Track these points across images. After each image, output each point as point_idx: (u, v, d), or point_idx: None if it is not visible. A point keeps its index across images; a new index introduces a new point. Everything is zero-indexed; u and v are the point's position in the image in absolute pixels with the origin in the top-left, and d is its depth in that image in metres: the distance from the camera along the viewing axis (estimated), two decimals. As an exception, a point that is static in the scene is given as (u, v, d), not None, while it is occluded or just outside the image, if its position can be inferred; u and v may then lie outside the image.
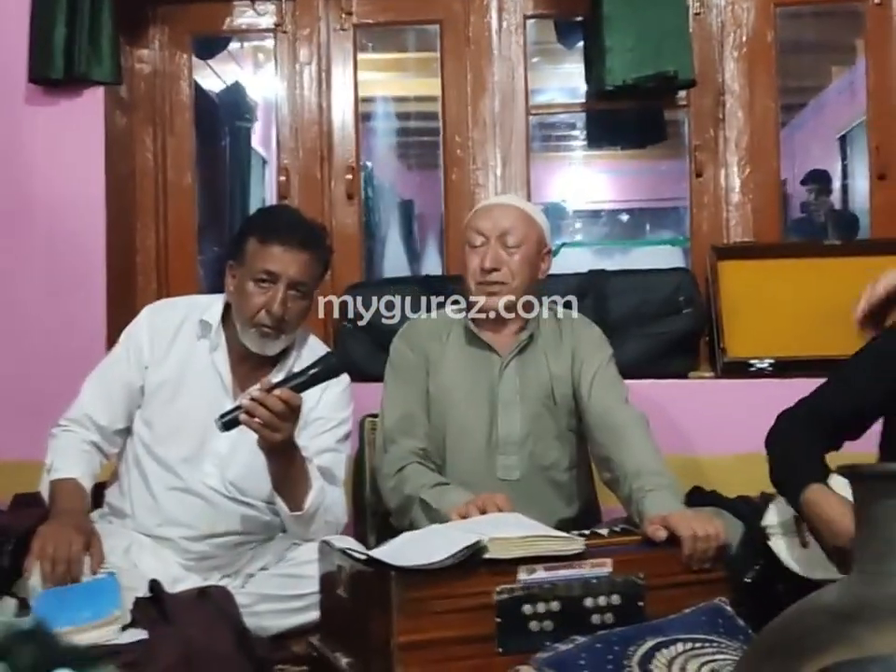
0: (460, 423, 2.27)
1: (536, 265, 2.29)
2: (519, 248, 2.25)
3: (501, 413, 2.27)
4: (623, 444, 2.10)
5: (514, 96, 3.19)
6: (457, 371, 2.30)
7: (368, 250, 4.34)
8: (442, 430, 2.28)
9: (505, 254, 2.25)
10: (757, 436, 2.09)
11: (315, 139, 3.23)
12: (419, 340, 2.34)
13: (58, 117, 2.92)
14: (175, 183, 3.24)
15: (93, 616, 1.77)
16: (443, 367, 2.30)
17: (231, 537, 2.23)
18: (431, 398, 2.30)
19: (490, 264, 2.23)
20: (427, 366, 2.31)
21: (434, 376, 2.30)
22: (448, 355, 2.32)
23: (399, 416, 2.26)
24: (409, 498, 2.13)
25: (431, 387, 2.30)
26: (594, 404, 2.22)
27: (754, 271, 2.98)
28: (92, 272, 2.91)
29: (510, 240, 2.25)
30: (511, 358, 2.29)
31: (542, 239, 2.31)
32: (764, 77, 3.15)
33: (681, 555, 1.75)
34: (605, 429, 2.16)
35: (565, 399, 2.28)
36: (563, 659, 1.39)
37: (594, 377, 2.25)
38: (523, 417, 2.26)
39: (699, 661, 1.41)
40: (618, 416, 2.17)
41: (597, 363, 2.28)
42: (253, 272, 2.18)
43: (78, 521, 2.05)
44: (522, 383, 2.28)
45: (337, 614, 1.75)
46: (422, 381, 2.30)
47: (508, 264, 2.24)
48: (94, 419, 2.24)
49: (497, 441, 2.26)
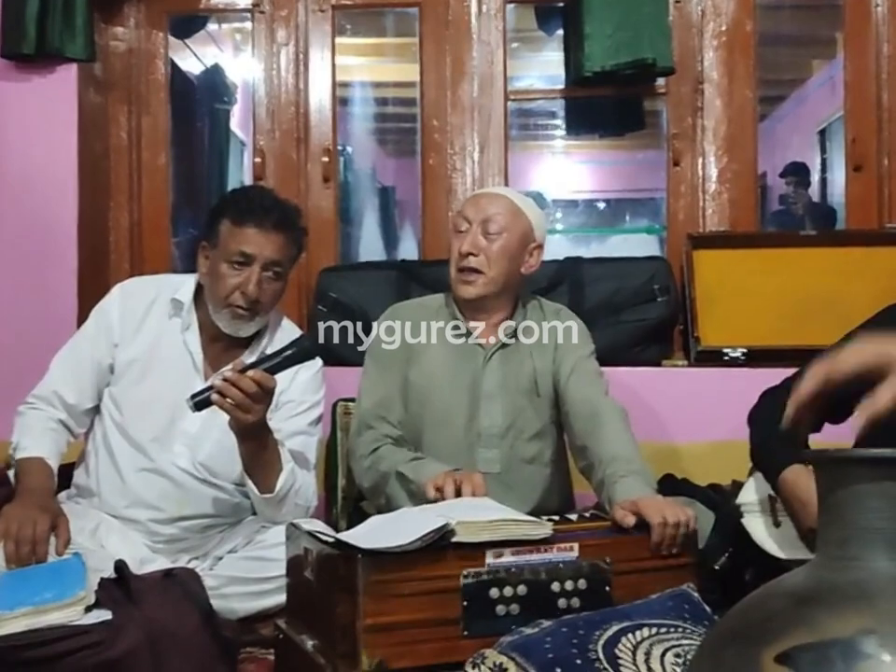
0: (440, 413, 2.24)
1: (518, 258, 2.26)
2: (500, 236, 2.22)
3: (483, 406, 2.24)
4: (601, 433, 2.09)
5: (493, 81, 3.18)
6: (440, 361, 2.28)
7: (344, 234, 4.32)
8: (421, 419, 2.26)
9: (485, 240, 2.22)
10: (729, 424, 2.11)
11: (291, 121, 3.21)
12: (401, 326, 2.31)
13: (30, 93, 2.89)
14: (150, 163, 3.21)
15: (57, 596, 1.74)
16: (426, 355, 2.28)
17: (199, 519, 2.22)
18: (411, 385, 2.27)
19: (467, 248, 2.21)
20: (407, 353, 2.29)
21: (415, 364, 2.28)
22: (431, 343, 2.29)
23: (375, 402, 2.24)
24: (384, 475, 2.12)
25: (412, 375, 2.27)
26: (573, 394, 2.21)
27: (729, 260, 2.99)
28: (64, 249, 2.88)
29: (491, 227, 2.22)
30: (495, 350, 2.27)
31: (529, 233, 2.27)
32: (743, 67, 3.15)
33: (649, 541, 1.74)
34: (583, 419, 2.15)
35: (547, 393, 2.26)
36: (528, 642, 1.39)
37: (574, 368, 2.24)
38: (505, 410, 2.24)
39: (664, 646, 1.41)
40: (597, 407, 2.15)
41: (578, 355, 2.27)
42: (227, 253, 2.16)
43: (44, 501, 2.04)
44: (505, 375, 2.26)
45: (304, 597, 1.74)
46: (401, 368, 2.28)
47: (485, 251, 2.22)
48: (62, 397, 2.22)
49: (479, 433, 2.24)
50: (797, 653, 0.93)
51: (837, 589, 1.00)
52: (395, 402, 2.25)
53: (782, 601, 1.03)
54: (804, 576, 1.07)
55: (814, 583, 1.04)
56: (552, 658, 1.35)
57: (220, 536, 2.25)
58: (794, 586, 1.06)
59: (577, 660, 1.35)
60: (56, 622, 1.71)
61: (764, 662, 0.94)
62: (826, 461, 1.09)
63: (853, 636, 0.92)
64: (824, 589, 1.01)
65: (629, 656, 1.38)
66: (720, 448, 2.66)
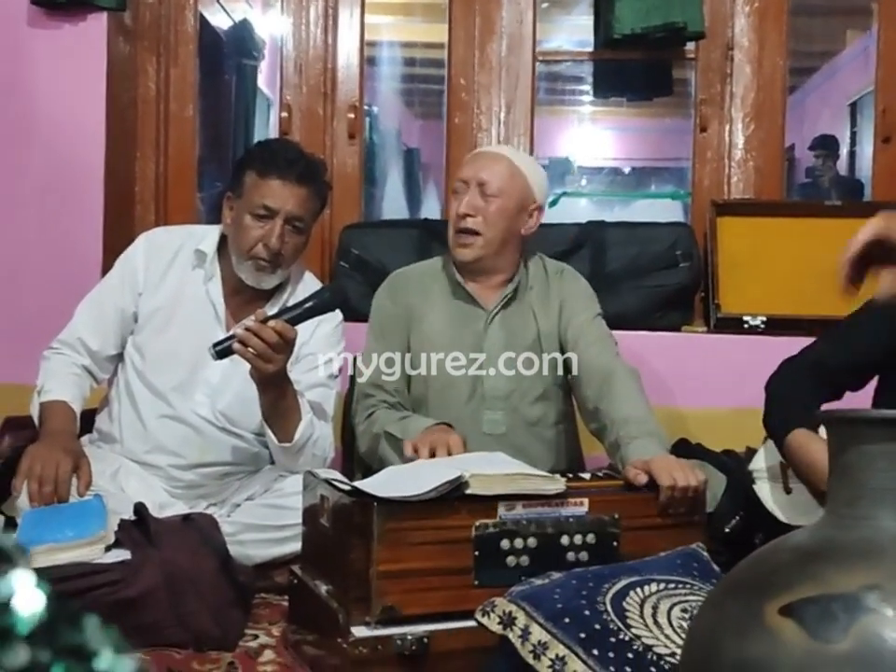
0: (444, 376, 2.25)
1: (516, 219, 2.23)
2: (497, 198, 2.20)
3: (486, 368, 2.25)
4: (613, 394, 2.07)
5: (522, 41, 3.16)
6: (442, 324, 2.27)
7: (368, 194, 4.32)
8: (426, 384, 2.26)
9: (482, 202, 2.20)
10: (746, 392, 2.11)
11: (318, 76, 3.20)
12: (402, 292, 2.32)
13: (60, 41, 2.89)
14: (177, 114, 3.21)
15: (78, 535, 1.78)
16: (428, 319, 2.28)
17: (218, 467, 2.25)
18: (414, 351, 2.27)
19: (464, 209, 2.20)
20: (409, 319, 2.29)
21: (418, 329, 2.28)
22: (433, 307, 2.29)
23: (372, 371, 2.25)
24: (376, 437, 2.14)
25: (414, 340, 2.28)
26: (584, 357, 2.19)
27: (753, 228, 2.97)
28: (90, 199, 2.90)
29: (488, 188, 2.20)
30: (496, 312, 2.26)
31: (528, 194, 2.24)
32: (775, 34, 3.11)
33: (657, 497, 1.76)
34: (595, 381, 2.13)
35: (552, 354, 2.26)
36: (537, 593, 1.41)
37: (582, 332, 2.23)
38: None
39: (671, 601, 1.43)
40: (609, 369, 2.13)
41: (585, 317, 2.25)
42: (251, 205, 2.18)
43: (67, 442, 2.07)
44: (508, 337, 2.26)
45: (319, 543, 1.77)
46: (402, 335, 2.28)
47: (482, 212, 2.20)
48: (86, 343, 2.25)
49: (483, 395, 2.24)
50: (801, 606, 0.95)
51: (844, 546, 1.01)
52: (392, 370, 2.25)
53: (789, 556, 1.05)
54: (811, 533, 1.09)
55: (821, 540, 1.05)
56: (560, 608, 1.37)
57: (238, 483, 2.28)
58: (801, 542, 1.08)
59: (585, 611, 1.37)
60: (76, 559, 1.76)
61: (768, 613, 0.96)
62: (838, 422, 1.10)
63: (857, 590, 0.93)
64: (831, 545, 1.02)
65: (637, 609, 1.40)
66: (736, 415, 2.67)
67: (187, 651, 1.77)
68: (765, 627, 0.95)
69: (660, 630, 1.37)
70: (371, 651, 1.53)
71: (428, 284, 2.32)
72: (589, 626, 1.35)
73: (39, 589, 0.47)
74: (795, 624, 0.94)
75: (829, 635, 0.91)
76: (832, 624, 0.92)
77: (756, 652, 0.95)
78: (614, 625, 1.36)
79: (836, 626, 0.91)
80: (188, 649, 1.77)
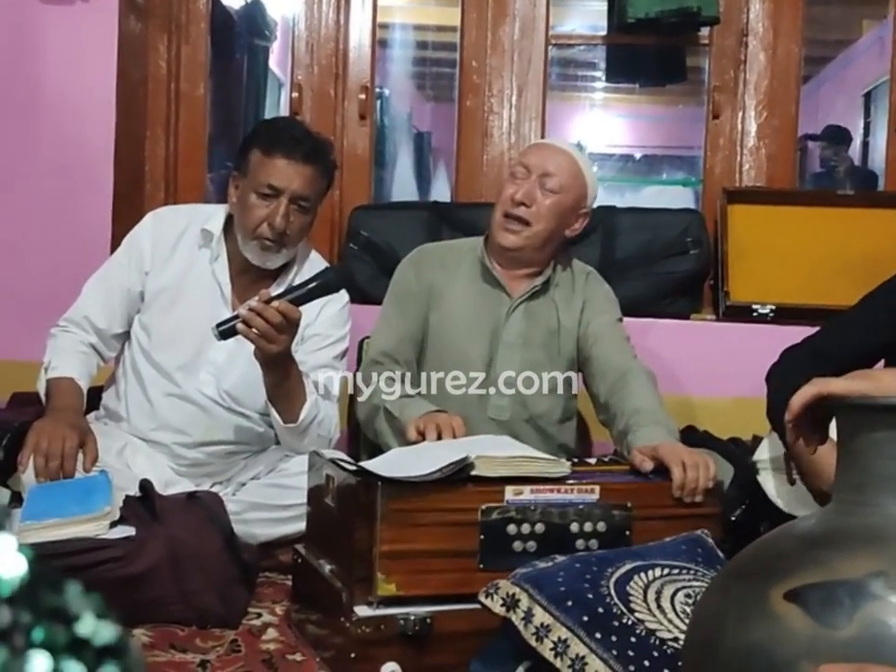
0: (459, 356, 2.24)
1: (566, 219, 2.22)
2: (556, 194, 2.18)
3: (501, 354, 2.24)
4: (627, 389, 2.08)
5: (535, 24, 3.14)
6: (464, 304, 2.27)
7: (377, 177, 4.30)
8: (439, 362, 2.26)
9: (540, 194, 2.18)
10: (754, 380, 2.09)
11: (330, 56, 3.19)
12: (427, 268, 2.30)
13: (71, 17, 2.87)
14: (188, 93, 3.20)
15: (83, 510, 1.79)
16: (449, 297, 2.27)
17: (224, 445, 2.26)
18: (432, 327, 2.27)
19: (521, 197, 2.17)
20: (429, 296, 2.27)
21: (437, 306, 2.27)
22: (456, 286, 2.28)
23: (386, 340, 2.24)
24: (375, 408, 2.12)
25: (433, 317, 2.27)
26: (602, 357, 2.19)
27: (764, 216, 2.96)
28: (100, 177, 2.89)
29: (549, 182, 2.18)
30: (520, 301, 2.25)
31: (583, 197, 2.24)
32: (790, 21, 3.09)
33: (671, 486, 1.73)
34: (611, 377, 2.14)
35: (568, 352, 2.26)
36: (541, 575, 1.41)
37: (602, 332, 2.23)
38: (522, 362, 2.24)
39: (675, 586, 1.43)
40: (626, 368, 2.14)
41: (606, 319, 2.26)
42: (256, 184, 2.17)
43: (74, 418, 2.07)
44: (528, 328, 2.25)
45: (323, 523, 1.77)
46: (420, 310, 2.27)
47: (538, 204, 2.18)
48: (93, 321, 2.25)
49: (494, 380, 2.23)
50: (806, 591, 0.95)
51: (850, 532, 1.01)
52: (406, 344, 2.24)
53: (794, 542, 1.04)
54: (817, 519, 1.09)
55: (827, 526, 1.05)
56: (564, 591, 1.37)
57: (244, 462, 2.28)
58: (807, 528, 1.08)
59: (588, 594, 1.37)
60: (81, 534, 1.76)
61: (773, 598, 0.96)
62: (846, 408, 1.09)
63: (862, 577, 0.93)
64: (837, 532, 1.02)
65: (640, 594, 1.39)
66: (743, 404, 2.66)
67: (190, 628, 1.77)
68: (770, 612, 0.95)
69: (663, 615, 1.36)
70: (374, 631, 1.53)
71: (455, 262, 2.31)
72: (592, 610, 1.35)
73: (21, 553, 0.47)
74: (800, 610, 0.93)
75: (834, 621, 0.91)
76: (836, 610, 0.91)
77: (760, 637, 0.94)
78: (617, 609, 1.36)
79: (841, 612, 0.91)
80: (191, 626, 1.78)
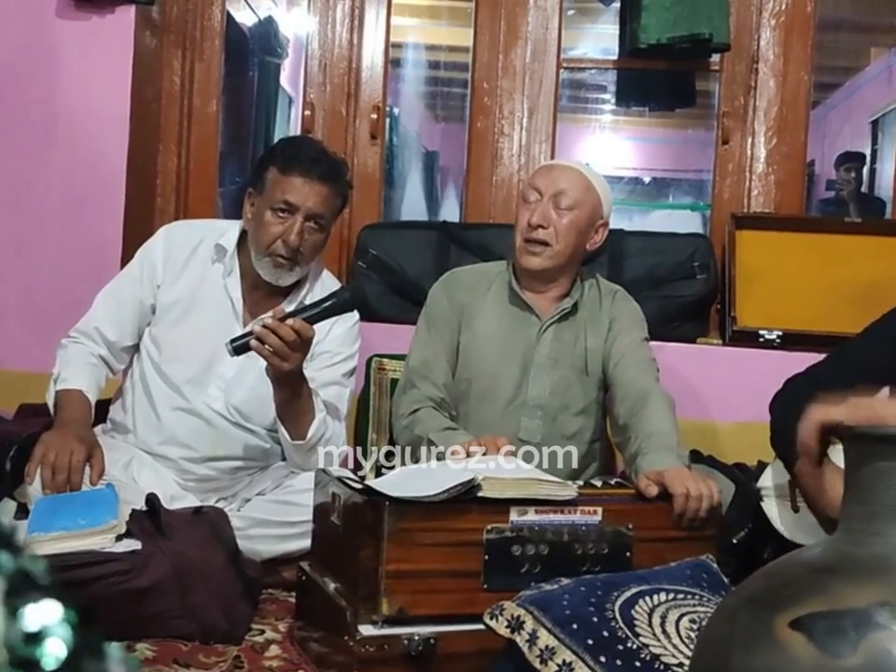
0: (489, 378, 2.26)
1: (585, 234, 2.25)
2: (571, 211, 2.21)
3: (532, 376, 2.25)
4: (644, 413, 2.09)
5: (547, 47, 3.16)
6: (494, 327, 2.29)
7: (387, 196, 4.33)
8: (469, 384, 2.28)
9: (555, 214, 2.21)
10: (759, 406, 2.10)
11: (343, 75, 3.21)
12: (458, 291, 2.33)
13: (87, 32, 2.90)
14: (201, 109, 3.23)
15: (90, 523, 1.79)
16: (479, 320, 2.29)
17: (230, 461, 2.26)
18: (462, 349, 2.29)
19: (537, 220, 2.20)
20: (461, 318, 2.30)
21: (468, 328, 2.30)
22: (486, 308, 2.30)
23: (422, 361, 2.27)
24: (419, 438, 2.14)
25: (463, 339, 2.29)
26: (623, 377, 2.21)
27: (772, 242, 2.97)
28: (112, 190, 2.91)
29: (563, 201, 2.21)
30: (550, 323, 2.27)
31: (598, 209, 2.27)
32: (800, 48, 3.11)
33: (672, 512, 1.75)
34: (630, 399, 2.15)
35: (596, 372, 2.27)
36: (546, 598, 1.41)
37: (626, 352, 2.24)
38: (553, 384, 2.25)
39: (680, 611, 1.43)
40: (646, 391, 2.15)
41: (631, 339, 2.27)
42: (272, 201, 2.19)
43: (81, 431, 2.08)
44: (557, 349, 2.27)
45: (329, 541, 1.77)
46: (453, 332, 2.30)
47: (555, 224, 2.21)
48: (103, 333, 2.26)
49: (525, 402, 2.25)
50: (811, 620, 0.95)
51: (857, 561, 1.01)
52: (441, 364, 2.27)
53: (800, 570, 1.04)
54: (824, 548, 1.09)
55: (834, 555, 1.05)
56: (569, 614, 1.37)
57: (250, 478, 2.29)
58: (814, 557, 1.08)
59: (594, 618, 1.37)
60: (87, 547, 1.77)
61: (778, 627, 0.96)
62: (853, 437, 1.10)
63: (868, 606, 0.93)
64: (844, 561, 1.02)
65: (645, 618, 1.40)
66: (748, 429, 2.66)
67: (193, 643, 1.77)
68: (775, 640, 0.95)
69: (668, 640, 1.36)
70: (378, 651, 1.53)
71: (484, 285, 2.33)
72: (597, 633, 1.35)
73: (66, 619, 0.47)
74: (805, 638, 0.93)
75: (838, 650, 0.91)
76: (841, 639, 0.91)
77: (765, 665, 0.95)
78: (622, 633, 1.36)
79: (846, 641, 0.91)
80: (194, 641, 1.78)
